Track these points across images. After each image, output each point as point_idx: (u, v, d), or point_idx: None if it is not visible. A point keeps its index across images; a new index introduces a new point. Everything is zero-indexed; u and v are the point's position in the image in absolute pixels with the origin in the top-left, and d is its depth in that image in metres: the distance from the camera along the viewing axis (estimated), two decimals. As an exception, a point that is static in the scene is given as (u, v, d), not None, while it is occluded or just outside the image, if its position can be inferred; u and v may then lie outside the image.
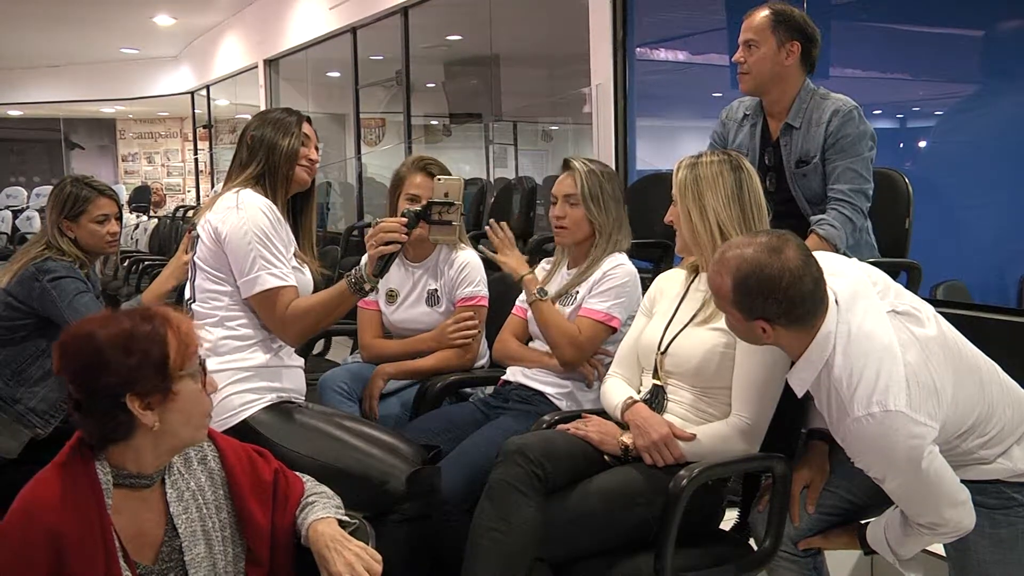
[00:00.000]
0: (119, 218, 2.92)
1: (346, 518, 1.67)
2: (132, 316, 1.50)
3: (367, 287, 2.08)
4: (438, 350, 2.70)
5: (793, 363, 1.80)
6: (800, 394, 1.79)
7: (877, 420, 1.64)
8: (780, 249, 1.69)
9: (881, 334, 1.71)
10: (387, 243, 2.04)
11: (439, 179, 2.15)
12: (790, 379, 1.80)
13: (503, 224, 2.60)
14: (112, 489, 1.50)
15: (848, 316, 1.73)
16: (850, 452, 1.73)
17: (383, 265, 2.07)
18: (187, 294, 2.25)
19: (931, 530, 1.77)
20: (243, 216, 2.10)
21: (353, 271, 2.09)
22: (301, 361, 2.27)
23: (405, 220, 2.06)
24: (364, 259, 2.09)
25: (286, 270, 2.12)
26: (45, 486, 1.47)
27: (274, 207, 2.15)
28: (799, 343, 1.74)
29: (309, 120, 2.30)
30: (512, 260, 2.54)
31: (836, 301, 1.74)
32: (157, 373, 1.47)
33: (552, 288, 2.53)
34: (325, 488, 1.74)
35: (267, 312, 2.11)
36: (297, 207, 2.32)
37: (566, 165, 2.51)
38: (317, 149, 2.30)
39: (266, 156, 2.19)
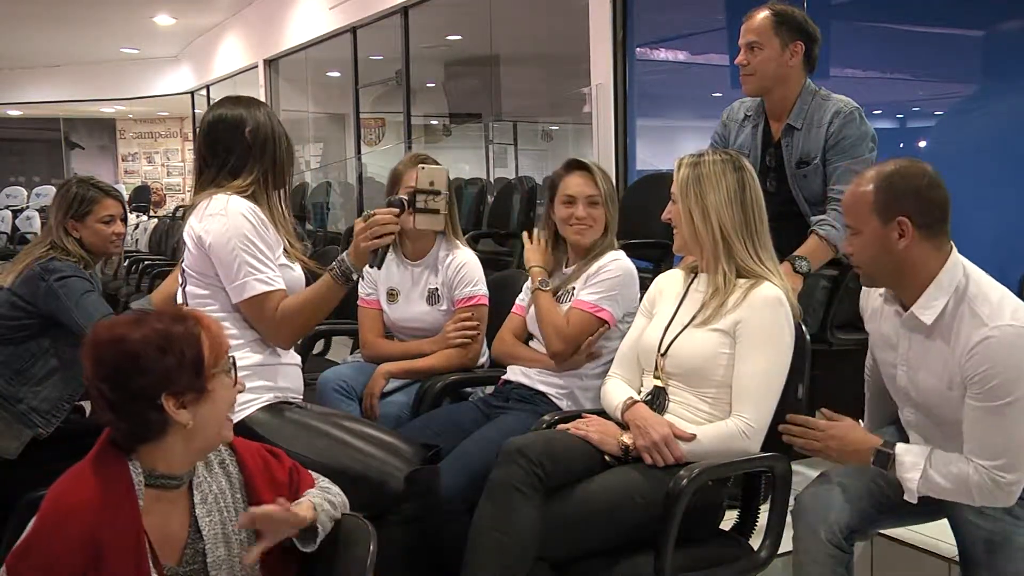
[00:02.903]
0: (124, 219, 2.93)
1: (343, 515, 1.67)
2: (163, 318, 1.51)
3: (354, 276, 2.07)
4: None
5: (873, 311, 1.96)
6: (929, 321, 1.81)
7: (1016, 330, 1.73)
8: (918, 162, 1.84)
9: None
10: (380, 235, 2.02)
11: (423, 167, 2.10)
12: (919, 311, 1.82)
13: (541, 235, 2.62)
14: (143, 490, 1.50)
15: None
16: (976, 368, 1.74)
17: (380, 258, 2.06)
18: (179, 299, 2.24)
19: (1001, 476, 1.75)
20: (226, 223, 2.08)
21: (336, 263, 2.07)
22: (298, 359, 2.26)
23: (396, 211, 2.03)
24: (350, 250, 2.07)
25: (272, 274, 2.10)
26: (82, 484, 1.47)
27: (258, 210, 2.13)
28: (929, 260, 1.81)
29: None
30: (534, 251, 2.56)
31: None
32: (193, 373, 1.48)
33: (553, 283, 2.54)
34: (334, 486, 1.74)
35: (257, 317, 2.11)
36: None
37: (581, 165, 2.50)
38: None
39: (268, 166, 2.17)
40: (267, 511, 1.54)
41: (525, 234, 2.65)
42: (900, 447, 1.88)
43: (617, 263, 2.44)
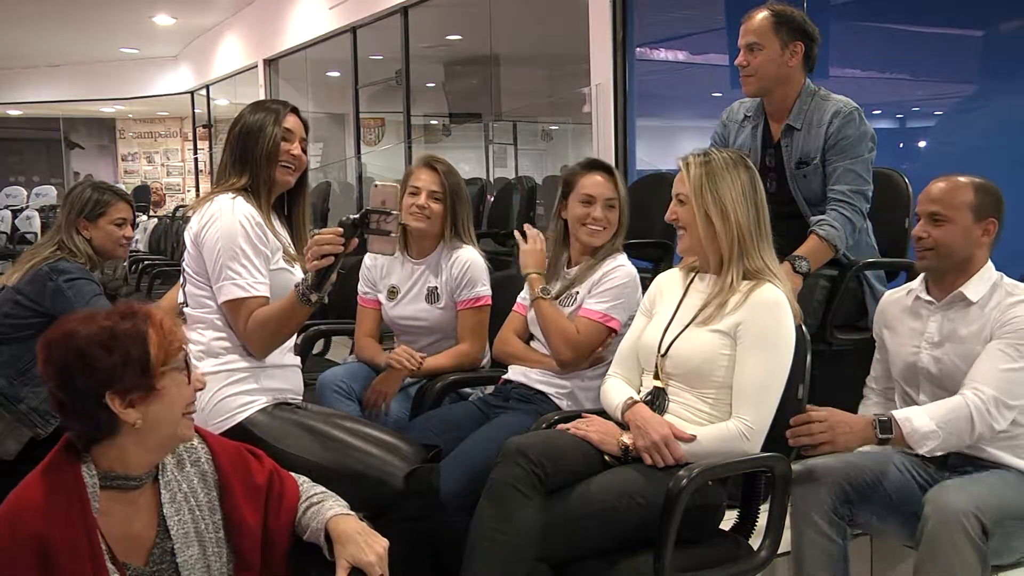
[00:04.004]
0: (133, 224, 2.98)
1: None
2: (112, 315, 1.48)
3: (314, 299, 2.00)
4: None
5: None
6: (976, 298, 2.10)
7: None
8: None
9: None
10: (323, 256, 1.92)
11: (376, 185, 1.96)
12: (968, 290, 2.11)
13: (533, 229, 2.58)
14: (99, 492, 1.48)
15: None
16: (1007, 318, 2.04)
17: (321, 279, 1.96)
18: (179, 298, 2.26)
19: (1004, 401, 1.99)
20: (218, 225, 2.09)
21: (301, 282, 2.02)
22: (297, 360, 2.26)
23: (341, 231, 1.92)
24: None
25: (253, 280, 2.08)
26: (29, 492, 1.46)
27: (256, 214, 2.13)
28: (984, 259, 2.14)
29: (296, 111, 2.24)
30: (530, 255, 2.53)
31: None
32: (139, 371, 1.45)
33: (554, 286, 2.53)
34: (322, 488, 1.73)
35: (233, 322, 2.10)
36: (290, 203, 2.30)
37: (603, 166, 2.50)
38: (304, 141, 2.24)
39: (250, 159, 2.16)
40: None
41: (517, 233, 2.60)
42: (895, 412, 2.04)
43: (622, 269, 2.44)
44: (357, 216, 1.93)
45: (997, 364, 2.01)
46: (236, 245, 2.08)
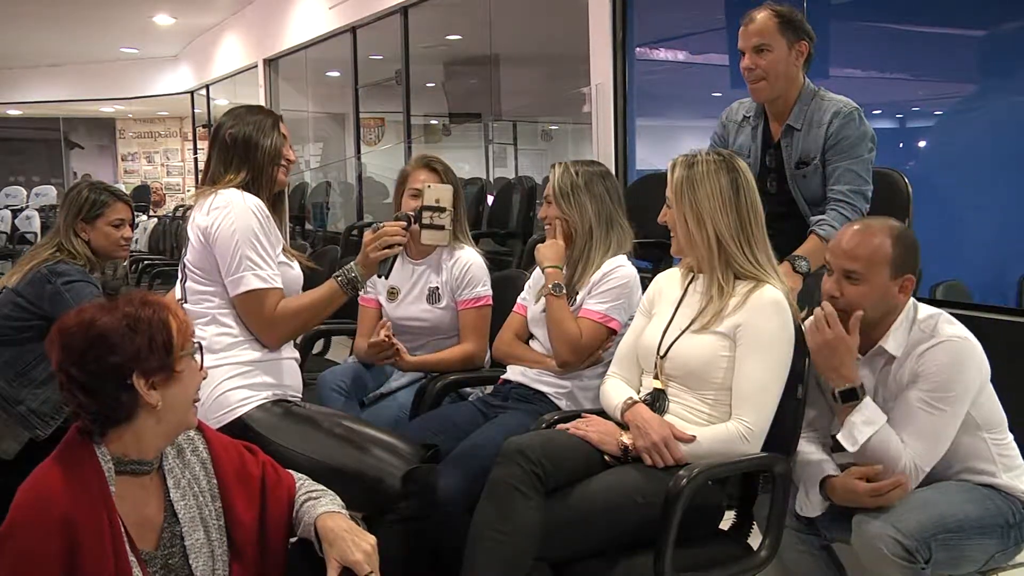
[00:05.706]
0: (132, 224, 2.98)
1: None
2: (131, 302, 1.54)
3: (360, 286, 2.17)
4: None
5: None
6: (899, 353, 1.96)
7: (960, 341, 1.93)
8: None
9: None
10: (389, 246, 2.14)
11: (429, 186, 2.30)
12: (889, 345, 1.96)
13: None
14: (114, 476, 1.52)
15: None
16: (926, 367, 1.91)
17: (388, 267, 2.18)
18: (177, 294, 2.27)
19: (923, 467, 1.91)
20: (232, 216, 2.11)
21: (344, 271, 2.15)
22: (296, 354, 2.27)
23: (404, 224, 2.17)
24: (360, 259, 2.16)
25: (272, 272, 2.12)
26: (50, 477, 1.48)
27: (263, 206, 2.16)
28: (903, 307, 1.97)
29: (282, 119, 2.33)
30: (549, 248, 2.50)
31: None
32: (163, 353, 1.51)
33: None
34: (321, 486, 1.74)
35: (251, 314, 2.12)
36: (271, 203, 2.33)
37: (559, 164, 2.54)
38: (291, 148, 2.34)
39: (251, 158, 2.20)
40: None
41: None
42: (868, 400, 1.94)
43: (621, 270, 2.43)
44: (415, 212, 2.26)
45: (920, 422, 1.90)
46: (253, 236, 2.11)
